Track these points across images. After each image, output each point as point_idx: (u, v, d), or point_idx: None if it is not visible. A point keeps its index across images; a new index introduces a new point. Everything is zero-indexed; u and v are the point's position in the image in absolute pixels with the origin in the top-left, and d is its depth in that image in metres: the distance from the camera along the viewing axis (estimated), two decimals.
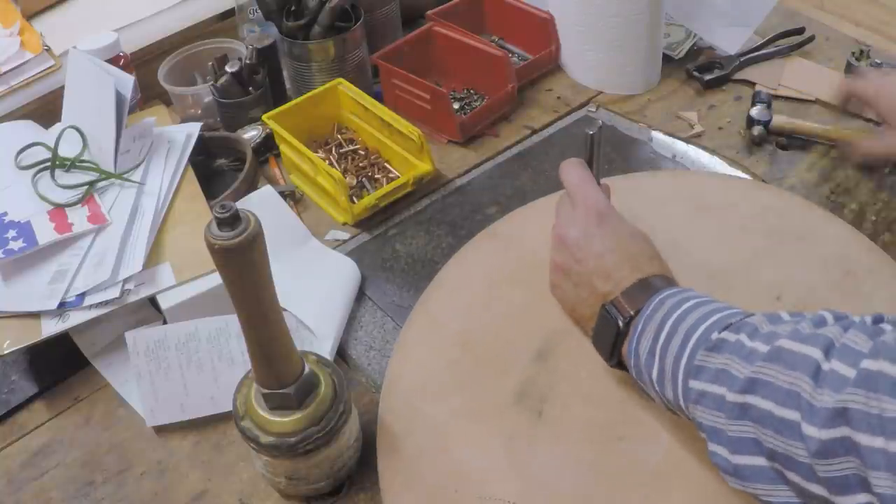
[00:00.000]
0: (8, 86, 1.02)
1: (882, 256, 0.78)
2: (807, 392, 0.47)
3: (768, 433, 0.49)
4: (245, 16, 1.11)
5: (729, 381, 0.52)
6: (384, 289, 0.85)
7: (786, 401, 0.48)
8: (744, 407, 0.51)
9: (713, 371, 0.54)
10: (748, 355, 0.52)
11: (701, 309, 0.58)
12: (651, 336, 0.60)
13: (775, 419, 0.49)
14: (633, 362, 0.62)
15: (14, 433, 0.75)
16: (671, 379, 0.57)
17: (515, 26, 1.15)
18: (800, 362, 0.49)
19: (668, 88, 1.07)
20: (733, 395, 0.52)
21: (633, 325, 0.62)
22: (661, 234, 0.71)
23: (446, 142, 1.02)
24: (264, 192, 0.91)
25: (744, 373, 0.51)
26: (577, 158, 0.73)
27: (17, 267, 0.79)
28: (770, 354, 0.51)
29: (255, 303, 0.55)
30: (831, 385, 0.46)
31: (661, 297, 0.61)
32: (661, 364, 0.58)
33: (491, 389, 0.70)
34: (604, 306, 0.64)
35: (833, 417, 0.45)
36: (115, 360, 0.79)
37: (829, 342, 0.49)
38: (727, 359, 0.53)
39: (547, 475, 0.64)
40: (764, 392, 0.50)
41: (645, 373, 0.60)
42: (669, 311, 0.59)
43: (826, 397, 0.46)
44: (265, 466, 0.64)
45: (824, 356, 0.48)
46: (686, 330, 0.57)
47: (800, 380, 0.48)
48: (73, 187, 0.87)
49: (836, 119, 0.99)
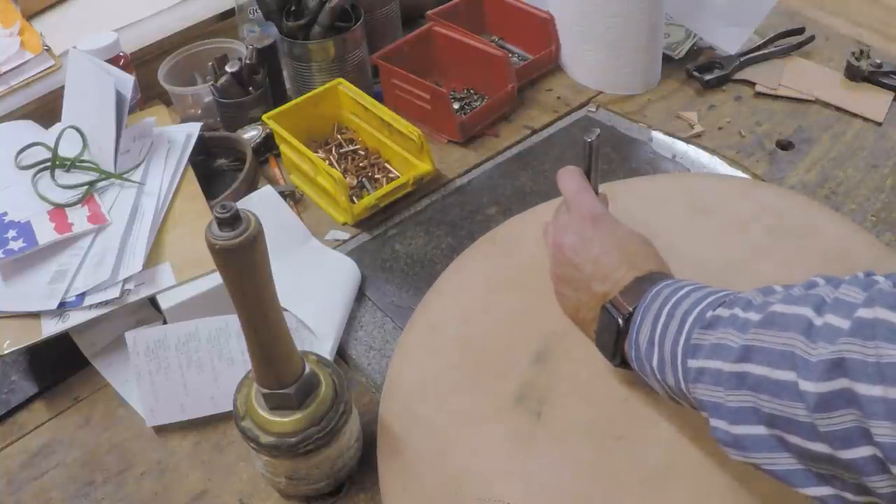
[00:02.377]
0: (8, 86, 1.02)
1: (883, 252, 0.78)
2: (800, 349, 0.47)
3: (765, 398, 0.49)
4: (245, 16, 1.11)
5: (725, 353, 0.52)
6: (384, 289, 0.85)
7: (780, 362, 0.48)
8: (740, 376, 0.51)
9: (709, 347, 0.54)
10: (742, 325, 0.52)
11: (696, 294, 0.58)
12: (649, 325, 0.60)
13: (771, 382, 0.49)
14: (633, 354, 0.62)
15: (14, 433, 0.75)
16: (671, 363, 0.57)
17: (515, 26, 1.15)
18: (792, 322, 0.48)
19: (668, 88, 1.07)
20: (729, 366, 0.52)
21: (632, 320, 0.62)
22: (660, 236, 0.72)
23: (446, 142, 1.02)
24: (264, 192, 0.91)
25: (738, 342, 0.51)
26: (573, 167, 0.74)
27: (17, 267, 0.79)
28: (763, 321, 0.51)
29: (255, 303, 0.55)
30: (825, 338, 0.46)
31: (658, 289, 0.61)
32: (661, 351, 0.58)
33: (490, 392, 0.70)
34: (603, 307, 0.65)
35: (830, 369, 0.45)
36: (115, 360, 0.79)
37: (819, 300, 0.48)
38: (722, 333, 0.53)
39: (547, 476, 0.64)
40: (759, 358, 0.50)
41: (646, 363, 0.60)
42: (666, 299, 0.60)
43: (821, 350, 0.46)
44: (265, 466, 0.64)
45: (816, 313, 0.48)
46: (682, 314, 0.57)
47: (793, 339, 0.48)
48: (73, 187, 0.87)
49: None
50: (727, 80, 1.06)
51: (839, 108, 1.00)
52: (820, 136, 0.97)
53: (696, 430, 0.64)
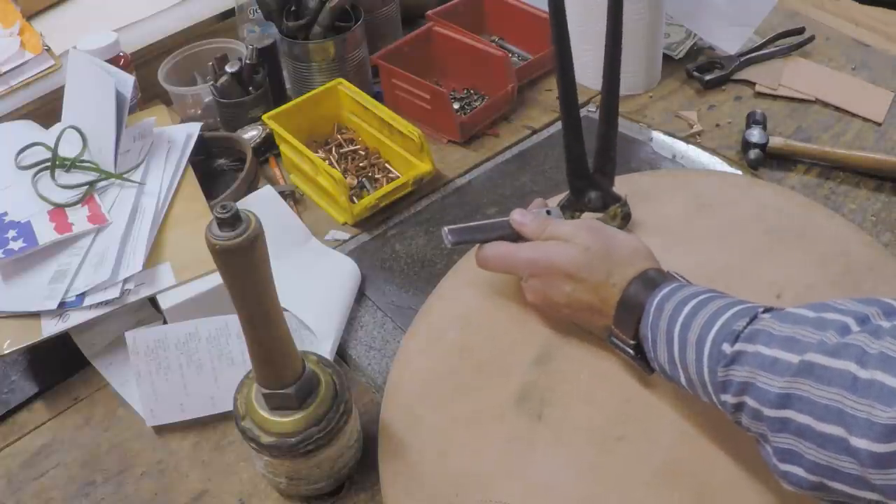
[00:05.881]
0: (8, 86, 1.02)
1: (882, 253, 0.78)
2: (850, 406, 0.47)
3: (810, 446, 0.49)
4: (245, 16, 1.11)
5: (761, 396, 0.52)
6: (384, 289, 0.84)
7: (825, 415, 0.48)
8: (783, 421, 0.51)
9: (739, 384, 0.53)
10: (771, 366, 0.51)
11: (699, 316, 0.58)
12: (664, 348, 0.60)
13: (816, 434, 0.49)
14: (664, 376, 0.63)
15: (14, 433, 0.75)
16: (701, 387, 0.58)
17: (515, 26, 1.15)
18: (836, 378, 0.48)
19: (668, 88, 1.07)
20: (769, 411, 0.51)
21: (643, 345, 0.63)
22: (660, 234, 0.72)
23: (446, 142, 1.02)
24: (264, 192, 0.91)
25: (775, 388, 0.51)
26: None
27: (18, 267, 0.79)
28: (801, 369, 0.50)
29: (255, 303, 0.55)
30: (879, 398, 0.45)
31: (653, 307, 0.62)
32: (687, 374, 0.59)
33: (491, 394, 0.70)
34: (610, 339, 0.67)
35: (891, 433, 0.44)
36: (115, 360, 0.79)
37: (860, 351, 0.48)
38: (749, 372, 0.53)
39: (548, 477, 0.64)
40: (800, 406, 0.49)
41: (678, 380, 0.60)
42: (672, 319, 0.59)
43: (877, 411, 0.45)
44: (265, 466, 0.64)
45: (859, 366, 0.47)
46: (696, 340, 0.57)
47: (840, 395, 0.47)
48: (73, 187, 0.87)
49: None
50: (727, 80, 1.06)
51: (839, 108, 1.00)
52: (820, 136, 0.97)
53: (698, 431, 0.64)
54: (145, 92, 1.06)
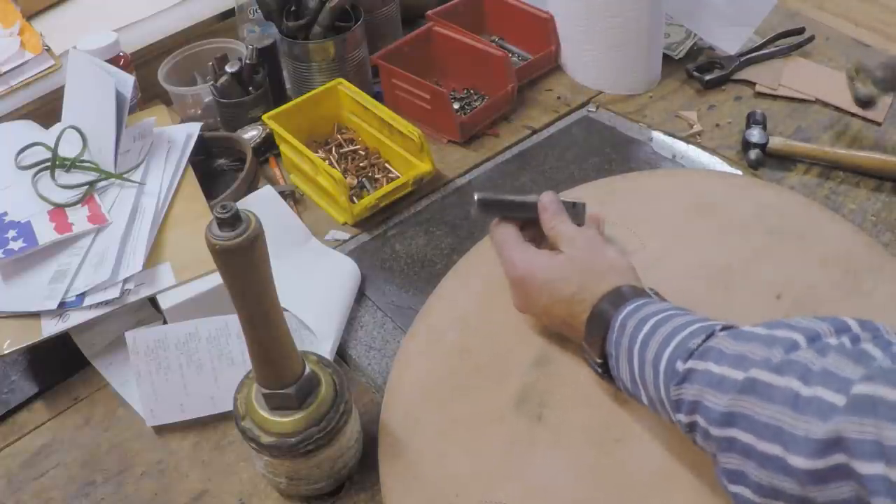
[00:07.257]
0: (8, 86, 1.02)
1: (883, 254, 0.78)
2: (788, 424, 0.46)
3: (752, 466, 0.49)
4: (245, 16, 1.11)
5: (708, 414, 0.52)
6: (384, 289, 0.84)
7: (764, 433, 0.48)
8: (729, 440, 0.50)
9: (689, 403, 0.53)
10: (719, 383, 0.51)
11: (658, 334, 0.58)
12: (626, 366, 0.60)
13: (757, 453, 0.48)
14: (627, 394, 0.63)
15: (14, 433, 0.75)
16: (661, 408, 0.58)
17: (515, 26, 1.15)
18: (777, 396, 0.48)
19: (668, 88, 1.07)
20: (717, 430, 0.51)
21: (609, 364, 0.63)
22: (660, 234, 0.72)
23: (446, 142, 1.02)
24: (264, 192, 0.91)
25: (719, 406, 0.51)
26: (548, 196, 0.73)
27: (18, 267, 0.79)
28: (744, 387, 0.50)
29: (255, 303, 0.55)
30: (817, 413, 0.45)
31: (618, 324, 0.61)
32: (647, 392, 0.59)
33: (491, 396, 0.70)
34: (583, 355, 0.68)
35: (825, 448, 0.44)
36: (115, 360, 0.79)
37: (804, 368, 0.48)
38: (698, 390, 0.53)
39: (547, 478, 0.64)
40: (743, 424, 0.49)
41: (640, 399, 0.61)
42: (632, 337, 0.59)
43: (814, 427, 0.45)
44: (265, 467, 0.64)
45: (802, 383, 0.47)
46: (653, 357, 0.57)
47: (780, 413, 0.47)
48: (73, 187, 0.87)
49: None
50: (727, 80, 1.06)
51: (839, 108, 1.00)
52: (820, 136, 0.97)
53: None
54: (145, 92, 1.06)
